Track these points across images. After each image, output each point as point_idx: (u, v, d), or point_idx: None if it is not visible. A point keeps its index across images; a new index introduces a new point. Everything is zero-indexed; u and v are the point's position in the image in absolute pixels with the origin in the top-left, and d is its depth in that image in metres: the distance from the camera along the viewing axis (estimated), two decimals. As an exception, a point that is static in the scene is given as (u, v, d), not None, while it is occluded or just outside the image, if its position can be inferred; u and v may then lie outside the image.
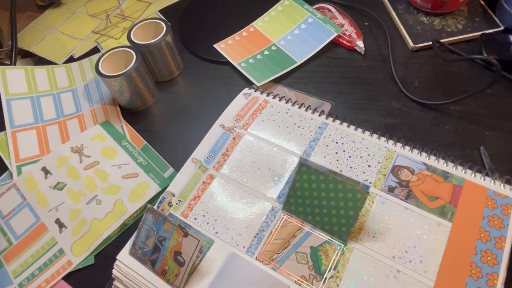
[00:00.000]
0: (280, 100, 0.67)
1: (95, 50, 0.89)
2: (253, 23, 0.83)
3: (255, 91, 0.69)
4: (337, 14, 0.80)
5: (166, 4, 0.96)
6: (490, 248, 0.48)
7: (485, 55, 0.70)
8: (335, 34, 0.76)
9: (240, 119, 0.65)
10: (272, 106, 0.66)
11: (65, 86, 0.82)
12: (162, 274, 0.49)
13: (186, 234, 0.48)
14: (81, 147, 0.70)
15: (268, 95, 0.68)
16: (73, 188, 0.65)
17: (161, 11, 0.95)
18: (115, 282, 0.53)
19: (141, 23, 0.76)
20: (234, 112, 0.66)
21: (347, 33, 0.77)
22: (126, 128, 0.73)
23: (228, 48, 0.80)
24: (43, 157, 0.70)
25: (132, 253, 0.50)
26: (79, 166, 0.68)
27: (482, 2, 0.80)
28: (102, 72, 0.69)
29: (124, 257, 0.52)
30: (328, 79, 0.72)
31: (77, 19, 0.99)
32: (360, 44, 0.75)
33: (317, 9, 0.82)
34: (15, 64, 0.87)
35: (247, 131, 0.63)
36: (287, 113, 0.65)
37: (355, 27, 0.78)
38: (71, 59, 0.88)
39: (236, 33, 0.83)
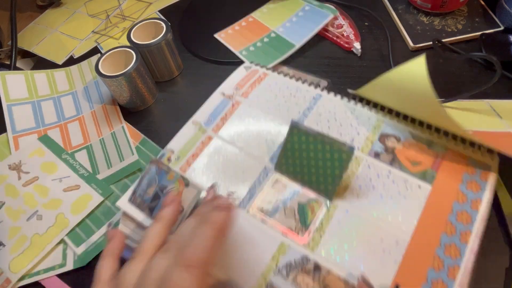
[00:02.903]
0: (278, 74, 0.80)
1: (95, 50, 1.00)
2: (251, 14, 0.98)
3: (255, 65, 0.82)
4: (338, 14, 0.92)
5: (166, 4, 1.09)
6: (465, 209, 0.59)
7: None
8: (332, 16, 0.89)
9: (239, 88, 0.78)
10: (270, 78, 0.79)
11: (65, 90, 0.92)
12: (159, 220, 0.61)
13: (187, 184, 0.59)
14: (19, 164, 0.78)
15: (267, 69, 0.81)
16: (12, 206, 0.73)
17: (161, 11, 1.08)
18: (122, 217, 0.63)
19: (141, 23, 0.85)
20: (234, 82, 0.79)
21: (345, 34, 0.88)
22: (126, 128, 0.82)
23: (229, 37, 0.94)
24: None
25: (131, 200, 0.60)
26: (18, 183, 0.75)
27: (482, 2, 0.91)
28: (102, 72, 0.77)
29: (123, 203, 0.63)
30: (328, 79, 0.82)
31: (77, 19, 1.11)
32: (357, 46, 0.85)
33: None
34: (15, 64, 0.97)
35: (245, 98, 0.76)
36: (284, 84, 0.78)
37: (354, 29, 0.89)
38: (71, 59, 1.00)
39: (235, 23, 0.97)
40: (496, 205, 0.65)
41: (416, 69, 0.61)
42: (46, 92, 0.90)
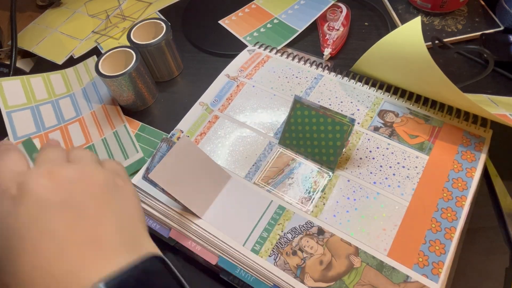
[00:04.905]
0: (281, 55, 0.91)
1: (95, 50, 1.07)
2: (254, 1, 1.09)
3: (258, 48, 0.93)
4: (342, 17, 0.99)
5: (166, 4, 1.17)
6: (461, 177, 0.69)
7: (484, 55, 0.87)
8: (331, 3, 1.00)
9: (244, 70, 0.88)
10: (273, 60, 0.90)
11: (62, 92, 0.97)
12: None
13: None
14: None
15: (270, 51, 0.92)
16: None
17: (161, 11, 1.16)
18: None
19: (141, 23, 0.90)
20: (238, 65, 0.90)
21: (327, 37, 0.96)
22: (128, 126, 0.88)
23: (233, 23, 1.05)
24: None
25: (145, 177, 0.66)
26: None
27: (482, 2, 0.99)
28: (102, 72, 0.82)
29: (137, 181, 0.72)
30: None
31: (77, 19, 1.18)
32: (326, 52, 0.94)
33: (332, 6, 1.02)
34: (15, 64, 1.02)
35: (249, 80, 0.87)
36: (286, 66, 0.88)
37: (342, 38, 0.97)
38: (71, 59, 1.06)
39: (239, 10, 1.08)
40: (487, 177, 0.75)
41: (411, 29, 0.70)
42: (44, 96, 0.95)
